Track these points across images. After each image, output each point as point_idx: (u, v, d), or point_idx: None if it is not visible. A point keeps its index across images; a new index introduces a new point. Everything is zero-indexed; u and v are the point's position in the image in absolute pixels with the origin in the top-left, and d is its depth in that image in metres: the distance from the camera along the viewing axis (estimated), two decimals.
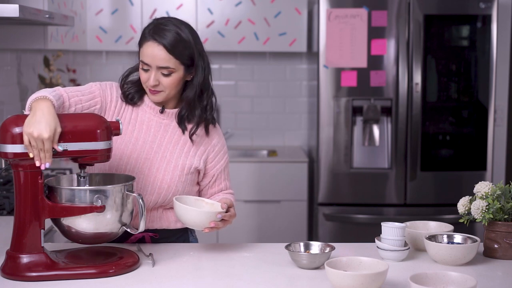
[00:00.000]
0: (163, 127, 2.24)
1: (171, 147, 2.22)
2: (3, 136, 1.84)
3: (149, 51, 2.14)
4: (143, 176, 2.19)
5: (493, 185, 2.11)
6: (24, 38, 3.52)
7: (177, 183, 2.20)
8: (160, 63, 2.13)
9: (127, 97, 2.24)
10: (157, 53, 2.12)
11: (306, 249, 2.04)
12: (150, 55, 2.13)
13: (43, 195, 1.87)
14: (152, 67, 2.14)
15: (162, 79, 2.15)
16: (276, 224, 4.34)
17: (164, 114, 2.24)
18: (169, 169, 2.20)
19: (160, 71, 2.14)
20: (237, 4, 4.48)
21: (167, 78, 2.15)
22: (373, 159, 4.07)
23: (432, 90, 4.03)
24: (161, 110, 2.24)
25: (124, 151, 2.20)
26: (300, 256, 1.97)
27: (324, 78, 4.02)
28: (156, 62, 2.13)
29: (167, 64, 2.13)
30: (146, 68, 2.16)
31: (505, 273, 1.96)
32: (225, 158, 2.33)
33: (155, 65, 2.14)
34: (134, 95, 2.24)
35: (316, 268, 1.96)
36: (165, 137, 2.23)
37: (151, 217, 2.23)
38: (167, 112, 2.24)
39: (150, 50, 2.13)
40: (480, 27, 4.00)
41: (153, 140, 2.22)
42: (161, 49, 2.12)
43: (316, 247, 2.03)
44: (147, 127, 2.23)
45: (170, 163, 2.21)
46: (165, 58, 2.13)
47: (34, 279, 1.84)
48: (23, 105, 4.08)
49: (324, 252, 1.99)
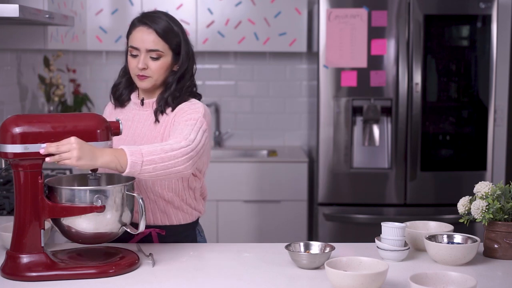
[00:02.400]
0: (144, 118, 2.29)
1: (152, 136, 2.25)
2: (3, 136, 1.84)
3: (139, 35, 2.20)
4: None
5: (493, 185, 2.11)
6: (24, 38, 3.52)
7: None
8: (149, 46, 2.19)
9: (118, 98, 2.32)
10: (147, 37, 2.19)
11: (306, 249, 2.04)
12: (140, 39, 2.20)
13: (43, 195, 1.87)
14: (141, 50, 2.20)
15: (151, 63, 2.21)
16: (276, 224, 4.34)
17: (144, 106, 2.30)
18: None
19: (149, 55, 2.20)
20: (237, 4, 4.48)
21: (155, 62, 2.21)
22: (373, 159, 4.07)
23: (432, 90, 4.03)
24: (141, 103, 2.29)
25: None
26: (300, 256, 1.97)
27: (324, 78, 4.02)
28: (145, 45, 2.19)
29: (156, 47, 2.20)
30: (135, 53, 2.21)
31: (505, 273, 1.96)
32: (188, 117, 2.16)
33: (144, 48, 2.19)
34: (123, 92, 2.31)
35: (316, 268, 1.96)
36: (145, 127, 2.27)
37: (152, 210, 2.25)
38: (146, 103, 2.29)
39: (140, 34, 2.20)
40: (480, 27, 4.00)
41: (137, 133, 2.27)
42: (151, 32, 2.20)
43: (316, 247, 2.03)
44: (131, 122, 2.30)
45: None
46: (155, 41, 2.19)
47: (34, 279, 1.84)
48: (23, 105, 4.08)
49: (324, 252, 1.99)
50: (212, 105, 4.76)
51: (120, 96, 2.34)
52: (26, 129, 1.84)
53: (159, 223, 2.27)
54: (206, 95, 4.71)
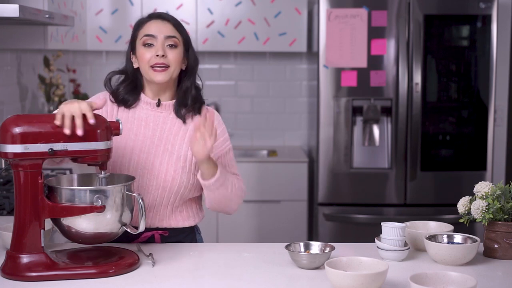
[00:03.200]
0: (162, 120, 2.24)
1: (171, 138, 2.22)
2: (3, 136, 1.84)
3: (154, 25, 2.20)
4: (147, 171, 2.19)
5: (493, 185, 2.11)
6: (24, 38, 3.52)
7: (181, 174, 2.19)
8: (167, 33, 2.19)
9: (122, 101, 2.25)
10: (163, 25, 2.20)
11: (306, 249, 2.04)
12: (156, 27, 2.19)
13: (43, 195, 1.87)
14: (158, 38, 2.18)
15: (168, 52, 2.18)
16: (276, 224, 4.34)
17: (161, 107, 2.24)
18: (171, 161, 2.20)
19: (167, 43, 2.18)
20: (237, 4, 4.48)
21: (173, 51, 2.19)
22: (373, 159, 4.07)
23: (432, 90, 4.03)
24: (157, 103, 2.24)
25: (126, 149, 2.20)
26: (300, 256, 1.97)
27: (324, 78, 4.02)
28: (163, 32, 2.18)
29: (174, 34, 2.20)
30: (150, 42, 2.18)
31: (505, 273, 1.96)
32: (225, 145, 2.29)
33: (162, 35, 2.18)
34: (128, 98, 2.25)
35: (316, 268, 1.96)
36: (164, 130, 2.23)
37: (161, 215, 2.23)
38: (163, 105, 2.25)
39: (155, 24, 2.20)
40: (480, 27, 4.00)
41: (153, 134, 2.22)
42: (167, 22, 2.21)
43: (316, 247, 2.03)
44: (145, 122, 2.23)
45: (173, 154, 2.20)
46: (171, 29, 2.20)
47: (34, 279, 1.84)
48: (23, 105, 4.08)
49: (324, 252, 1.99)
50: (212, 105, 4.76)
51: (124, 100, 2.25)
52: (26, 129, 1.84)
53: (164, 226, 2.25)
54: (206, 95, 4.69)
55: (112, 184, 1.97)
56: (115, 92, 2.26)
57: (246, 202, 4.31)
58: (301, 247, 2.04)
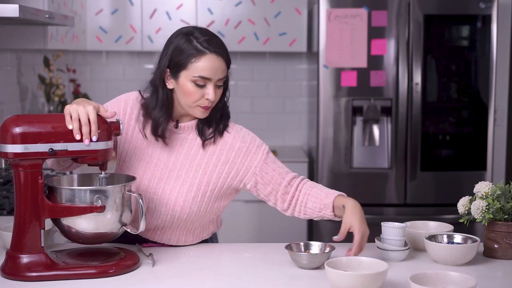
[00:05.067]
0: (179, 142, 2.13)
1: (187, 164, 2.11)
2: (3, 136, 1.84)
3: (209, 65, 2.02)
4: (157, 197, 2.11)
5: (493, 185, 2.11)
6: (24, 38, 3.52)
7: (191, 205, 2.10)
8: (221, 75, 2.06)
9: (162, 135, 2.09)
10: (220, 65, 2.04)
11: (306, 249, 2.04)
12: (212, 68, 2.02)
13: (43, 195, 1.87)
14: (213, 80, 2.04)
15: (217, 92, 2.07)
16: (276, 224, 4.34)
17: (179, 128, 2.13)
18: (183, 190, 2.10)
19: (217, 84, 2.06)
20: (237, 4, 4.48)
21: (220, 90, 2.09)
22: (373, 159, 4.07)
23: (432, 90, 4.03)
24: (175, 125, 2.12)
25: (137, 169, 2.13)
26: (300, 256, 1.97)
27: (324, 78, 4.02)
28: (218, 75, 2.04)
29: (225, 74, 2.08)
30: (202, 83, 2.03)
31: (505, 273, 1.96)
32: (261, 150, 2.19)
33: (216, 78, 2.04)
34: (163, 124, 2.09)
35: (316, 268, 1.96)
36: (181, 153, 2.12)
37: (169, 235, 2.16)
38: (182, 126, 2.13)
39: (210, 63, 2.02)
40: (480, 27, 4.00)
41: (168, 158, 2.12)
42: (222, 61, 2.05)
43: (316, 247, 2.03)
44: (162, 143, 2.12)
45: (185, 183, 2.10)
46: (225, 69, 2.07)
47: (34, 279, 1.84)
48: (23, 105, 4.08)
49: (324, 252, 1.99)
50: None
51: (163, 132, 2.09)
52: (26, 129, 1.84)
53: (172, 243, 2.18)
54: None
55: (112, 184, 1.97)
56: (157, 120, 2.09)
57: (246, 202, 4.32)
58: (301, 247, 2.04)
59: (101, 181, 1.95)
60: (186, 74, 2.03)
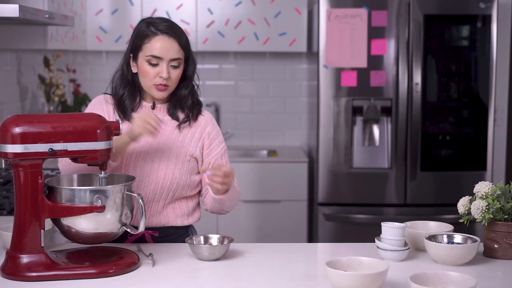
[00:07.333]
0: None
1: (165, 138, 2.25)
2: (3, 136, 1.84)
3: (159, 45, 2.18)
4: (140, 168, 2.23)
5: (493, 185, 2.11)
6: (24, 38, 3.52)
7: (173, 171, 2.23)
8: (173, 55, 2.19)
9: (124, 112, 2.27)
10: (170, 45, 2.19)
11: (206, 242, 2.11)
12: (162, 48, 2.18)
13: (43, 195, 1.87)
14: (164, 59, 2.19)
15: (171, 72, 2.21)
16: (276, 224, 4.34)
17: (155, 110, 2.29)
18: (164, 159, 2.23)
19: (171, 64, 2.20)
20: (237, 4, 4.48)
21: (175, 71, 2.22)
22: (373, 159, 4.07)
23: (432, 90, 4.03)
24: (152, 106, 2.28)
25: None
26: (200, 248, 2.03)
27: (324, 78, 4.02)
28: (169, 54, 2.19)
29: (178, 56, 2.21)
30: (155, 62, 2.19)
31: (505, 273, 1.97)
32: (221, 146, 2.34)
33: (168, 58, 2.19)
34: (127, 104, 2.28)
35: (216, 260, 2.02)
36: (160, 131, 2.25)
37: (151, 211, 2.25)
38: (158, 107, 2.29)
39: (161, 43, 2.18)
40: (480, 27, 4.00)
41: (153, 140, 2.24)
42: (173, 41, 2.20)
43: (215, 240, 2.11)
44: None
45: (165, 153, 2.24)
46: (178, 50, 2.21)
47: (34, 279, 1.84)
48: (23, 105, 4.08)
49: (223, 244, 2.06)
50: (212, 105, 4.76)
51: (126, 109, 2.27)
52: (26, 129, 1.84)
53: (153, 225, 2.27)
54: (206, 95, 4.72)
55: (112, 184, 1.98)
56: (120, 97, 2.28)
57: (246, 202, 4.31)
58: (201, 240, 2.11)
59: (101, 181, 1.95)
60: (141, 55, 2.21)
